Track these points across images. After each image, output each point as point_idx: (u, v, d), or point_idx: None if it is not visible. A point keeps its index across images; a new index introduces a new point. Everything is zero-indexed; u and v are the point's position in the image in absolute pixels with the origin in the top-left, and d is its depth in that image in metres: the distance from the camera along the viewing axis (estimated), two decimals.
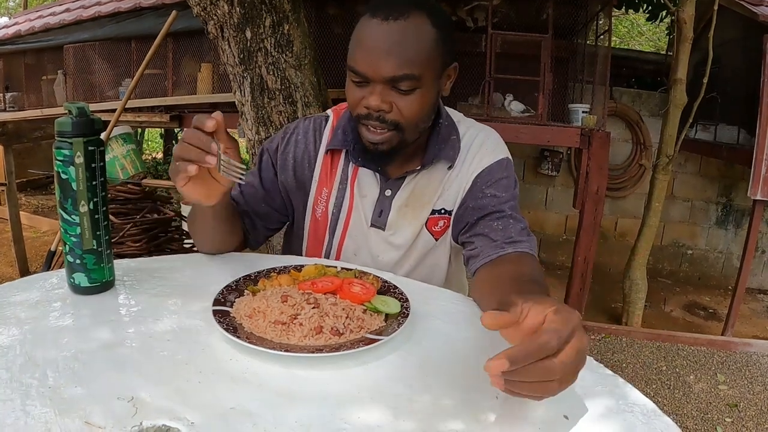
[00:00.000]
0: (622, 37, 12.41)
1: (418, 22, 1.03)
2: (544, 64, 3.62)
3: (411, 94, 1.05)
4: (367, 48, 1.03)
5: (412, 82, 1.04)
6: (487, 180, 1.19)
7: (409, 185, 1.22)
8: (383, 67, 1.02)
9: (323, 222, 1.27)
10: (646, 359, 3.82)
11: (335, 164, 1.25)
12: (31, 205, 7.12)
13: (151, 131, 11.59)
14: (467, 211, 1.19)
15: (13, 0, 12.72)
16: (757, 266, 5.55)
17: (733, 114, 4.66)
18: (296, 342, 0.79)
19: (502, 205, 1.16)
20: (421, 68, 1.03)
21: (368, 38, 1.03)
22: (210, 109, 4.24)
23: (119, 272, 1.02)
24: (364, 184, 1.23)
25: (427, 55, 1.04)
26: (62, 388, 0.66)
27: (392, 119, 1.07)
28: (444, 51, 1.08)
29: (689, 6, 3.90)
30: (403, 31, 1.01)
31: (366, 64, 1.03)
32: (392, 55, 1.01)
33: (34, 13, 6.03)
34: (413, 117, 1.08)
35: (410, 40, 1.02)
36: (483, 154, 1.21)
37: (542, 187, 5.81)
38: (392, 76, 1.02)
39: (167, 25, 3.48)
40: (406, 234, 1.23)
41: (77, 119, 0.89)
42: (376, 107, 1.05)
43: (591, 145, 3.65)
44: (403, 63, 1.01)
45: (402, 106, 1.06)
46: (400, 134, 1.09)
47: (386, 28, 1.01)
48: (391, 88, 1.04)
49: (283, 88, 2.65)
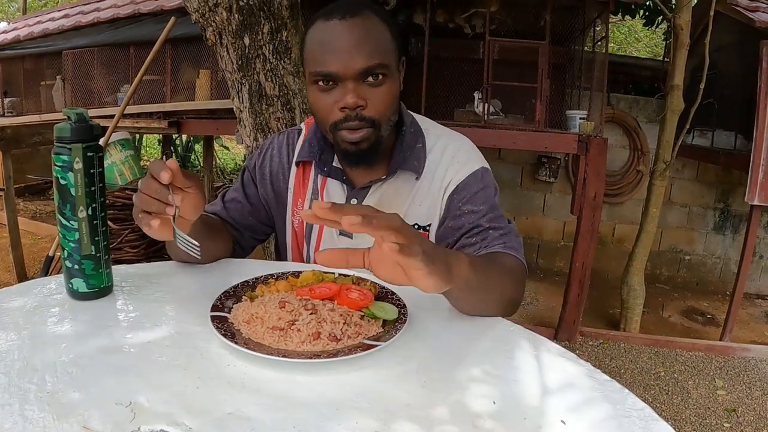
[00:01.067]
0: (620, 43, 12.45)
1: (371, 19, 1.06)
2: (541, 70, 3.64)
3: (382, 86, 1.07)
4: (333, 48, 1.04)
5: (382, 71, 1.06)
6: (463, 196, 1.17)
7: (374, 194, 1.21)
8: (354, 61, 1.03)
9: (300, 232, 1.29)
10: (644, 365, 3.82)
11: (307, 175, 1.27)
12: (29, 211, 7.12)
13: (149, 137, 11.57)
14: (447, 231, 1.18)
15: (13, 5, 12.74)
16: (755, 271, 5.57)
17: (730, 119, 4.68)
18: (294, 348, 0.79)
19: (480, 219, 1.14)
20: (387, 57, 1.06)
21: (331, 39, 1.04)
22: (208, 116, 4.28)
23: (117, 278, 1.02)
24: (331, 193, 1.24)
25: (387, 45, 1.07)
26: (60, 393, 0.66)
27: (369, 115, 1.08)
28: (397, 45, 1.11)
29: (686, 12, 3.92)
30: (363, 26, 1.04)
31: (337, 63, 1.03)
32: (360, 47, 1.03)
33: (33, 19, 6.04)
34: (386, 109, 1.10)
35: (371, 32, 1.05)
36: (456, 167, 1.19)
37: (540, 193, 5.83)
38: (365, 68, 1.04)
39: (166, 31, 3.49)
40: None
41: (76, 125, 0.89)
42: (354, 104, 1.05)
43: (588, 152, 3.66)
44: (371, 53, 1.04)
45: (375, 99, 1.07)
46: (376, 131, 1.10)
47: (346, 25, 1.03)
48: (362, 82, 1.05)
49: (282, 94, 2.66)
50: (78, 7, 5.72)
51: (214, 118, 4.24)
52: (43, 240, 6.01)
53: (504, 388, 0.74)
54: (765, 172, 3.94)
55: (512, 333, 0.92)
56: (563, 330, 4.07)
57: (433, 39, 3.95)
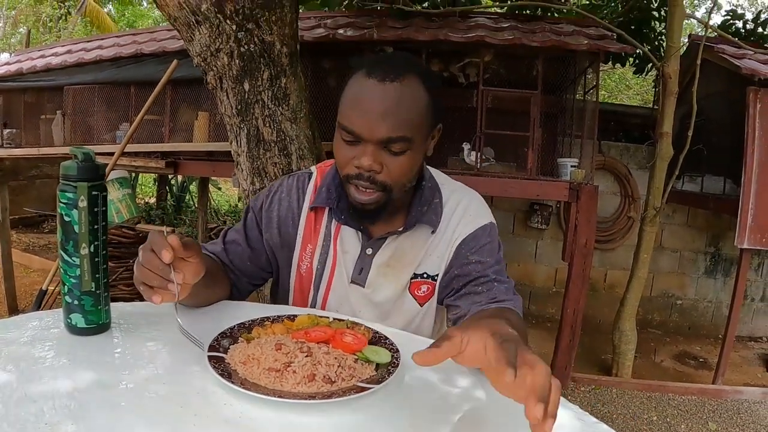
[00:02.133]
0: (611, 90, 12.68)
1: (413, 85, 1.05)
2: (533, 119, 3.71)
3: (401, 156, 1.07)
4: (363, 109, 1.04)
5: (405, 144, 1.06)
6: (472, 246, 1.20)
7: (390, 246, 1.22)
8: (379, 129, 1.03)
9: (308, 277, 1.27)
10: (636, 410, 3.80)
11: (319, 221, 1.26)
12: (22, 243, 7.10)
13: (145, 176, 11.61)
14: (454, 279, 1.20)
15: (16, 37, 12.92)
16: (746, 314, 5.59)
17: (718, 165, 4.76)
18: (289, 389, 0.80)
19: (487, 270, 1.18)
20: (413, 131, 1.06)
21: (364, 99, 1.04)
22: (206, 158, 4.32)
23: (115, 315, 1.02)
24: (346, 241, 1.24)
25: (419, 118, 1.07)
26: (58, 424, 0.67)
27: (382, 180, 1.08)
28: (433, 113, 1.10)
29: (674, 61, 4.03)
30: (399, 94, 1.03)
31: (361, 125, 1.04)
32: (388, 117, 1.03)
33: (36, 52, 6.12)
34: (402, 178, 1.10)
35: (405, 102, 1.04)
36: (467, 220, 1.22)
37: (532, 240, 5.87)
38: (387, 138, 1.04)
39: (168, 73, 3.55)
40: (387, 293, 1.23)
41: (83, 164, 0.91)
42: (368, 167, 1.06)
43: (579, 199, 3.71)
44: (398, 125, 1.03)
45: (392, 167, 1.08)
46: (387, 195, 1.11)
47: (382, 90, 1.03)
48: (383, 148, 1.06)
49: (279, 140, 2.71)
50: (81, 43, 5.81)
51: (211, 160, 4.26)
52: (35, 273, 5.98)
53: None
54: (754, 216, 4.00)
55: None
56: (555, 376, 4.03)
57: None
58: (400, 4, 4.29)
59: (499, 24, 4.30)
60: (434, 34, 3.94)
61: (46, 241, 7.32)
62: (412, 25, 4.20)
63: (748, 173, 4.02)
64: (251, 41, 2.59)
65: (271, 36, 2.63)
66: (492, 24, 4.28)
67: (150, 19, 15.54)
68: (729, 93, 4.54)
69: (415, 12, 4.36)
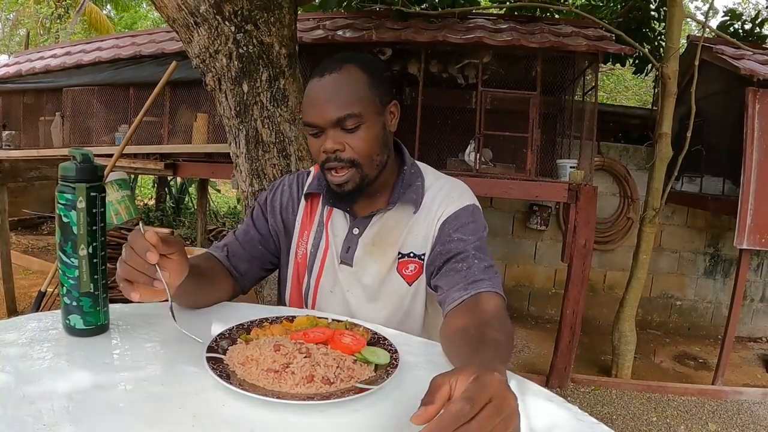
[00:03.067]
0: (609, 91, 12.69)
1: (350, 71, 1.19)
2: (532, 120, 3.72)
3: (357, 131, 1.19)
4: (313, 101, 1.19)
5: (355, 119, 1.17)
6: (454, 225, 1.26)
7: (375, 224, 1.31)
8: (327, 113, 1.17)
9: (303, 263, 1.36)
10: (636, 411, 3.80)
11: (314, 209, 1.37)
12: (21, 245, 7.10)
13: (144, 178, 11.63)
14: (437, 256, 1.25)
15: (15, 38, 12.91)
16: (746, 314, 5.60)
17: (718, 165, 4.76)
18: (288, 390, 0.81)
19: (467, 246, 1.22)
20: (359, 107, 1.18)
21: (312, 94, 1.20)
22: (204, 159, 4.32)
23: (113, 316, 1.03)
24: (336, 223, 1.34)
25: (362, 94, 1.19)
26: (57, 426, 0.67)
27: (348, 157, 1.20)
28: (380, 91, 1.22)
29: (673, 62, 4.04)
30: (338, 80, 1.18)
31: (314, 115, 1.18)
32: (332, 100, 1.17)
33: (35, 54, 6.11)
34: (365, 151, 1.20)
35: (344, 85, 1.18)
36: (449, 201, 1.29)
37: (531, 241, 5.87)
38: (336, 118, 1.16)
39: (167, 75, 3.55)
40: (373, 271, 1.29)
41: (81, 165, 0.92)
42: (331, 148, 1.18)
43: (578, 200, 3.71)
44: (342, 105, 1.16)
45: (353, 143, 1.19)
46: (359, 170, 1.21)
47: (324, 81, 1.18)
48: (341, 129, 1.18)
49: (278, 141, 2.71)
50: (80, 45, 5.81)
51: (210, 161, 4.27)
52: (34, 275, 5.98)
53: None
54: (753, 216, 4.01)
55: None
56: (555, 377, 4.05)
57: (427, 89, 4.04)
58: (399, 5, 4.29)
59: (498, 25, 4.31)
60: (433, 35, 3.95)
61: (45, 243, 7.32)
62: (410, 26, 4.20)
63: (747, 173, 4.02)
64: (250, 42, 2.59)
65: (269, 37, 2.63)
66: (491, 25, 4.29)
67: (149, 20, 15.54)
68: (728, 93, 4.55)
69: (413, 13, 4.36)
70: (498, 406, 0.63)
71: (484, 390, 0.63)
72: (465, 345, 0.94)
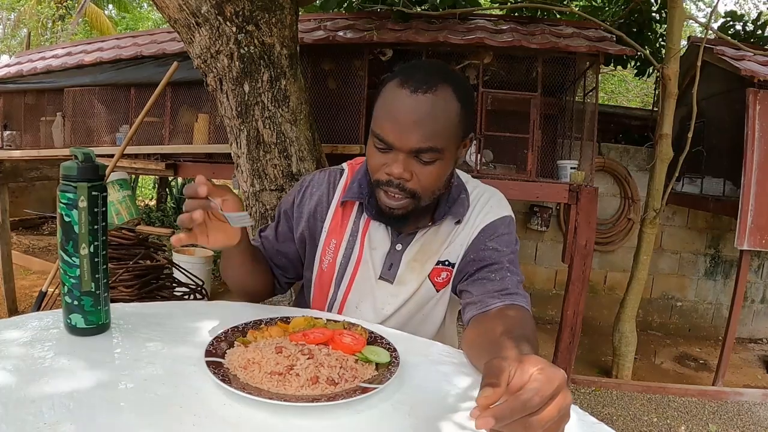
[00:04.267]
0: (610, 92, 12.68)
1: (445, 96, 1.07)
2: (533, 121, 3.72)
3: (431, 165, 1.10)
4: (395, 119, 1.06)
5: (435, 155, 1.08)
6: (490, 234, 1.23)
7: (419, 241, 1.26)
8: (409, 139, 1.06)
9: (329, 273, 1.29)
10: (636, 411, 3.80)
11: (347, 216, 1.29)
12: (22, 245, 7.11)
13: (145, 179, 11.63)
14: (469, 263, 1.22)
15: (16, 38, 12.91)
16: (746, 315, 5.60)
17: (718, 166, 4.77)
18: (293, 392, 0.81)
19: (502, 258, 1.20)
20: (444, 141, 1.08)
21: (396, 109, 1.06)
22: (205, 159, 4.32)
23: (114, 316, 1.03)
24: (375, 236, 1.27)
25: (450, 128, 1.09)
26: (57, 424, 0.67)
27: (411, 188, 1.11)
28: (465, 124, 1.13)
29: (674, 62, 4.04)
30: (431, 105, 1.05)
31: (393, 134, 1.07)
32: (419, 127, 1.05)
33: (36, 54, 6.12)
34: (431, 186, 1.13)
35: (437, 113, 1.06)
36: (488, 210, 1.26)
37: (532, 242, 5.87)
38: (417, 148, 1.07)
39: (168, 75, 3.55)
40: (412, 286, 1.26)
41: (83, 164, 0.92)
42: (398, 175, 1.09)
43: (579, 201, 3.72)
44: (429, 136, 1.06)
45: (422, 176, 1.10)
46: (416, 201, 1.14)
47: (415, 101, 1.05)
48: (413, 157, 1.09)
49: (279, 142, 2.71)
50: (81, 45, 5.81)
51: (211, 162, 4.27)
52: (35, 275, 5.98)
53: None
54: (753, 217, 4.01)
55: None
56: None
57: None
58: (400, 6, 4.29)
59: (499, 26, 4.30)
60: (434, 36, 3.95)
61: (46, 243, 7.33)
62: (411, 27, 4.20)
63: (747, 174, 4.02)
64: (251, 43, 2.59)
65: (270, 38, 2.63)
66: (491, 26, 4.29)
67: (150, 21, 15.55)
68: (729, 95, 4.55)
69: (414, 14, 4.36)
70: (561, 402, 0.63)
71: (550, 383, 0.63)
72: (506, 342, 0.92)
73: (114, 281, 3.20)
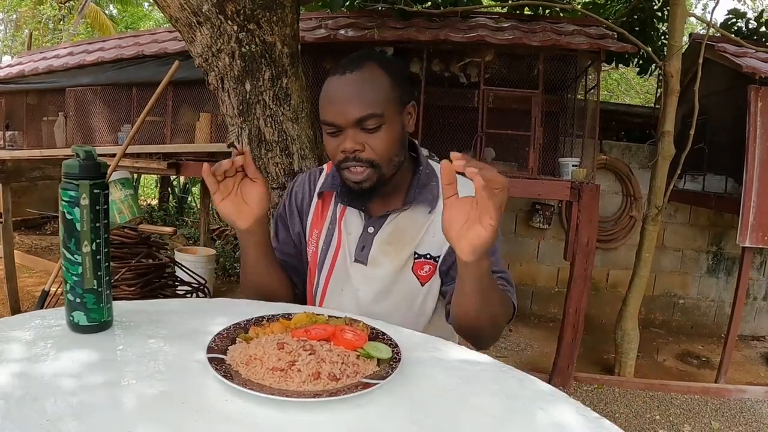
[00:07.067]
0: (612, 90, 12.66)
1: (372, 70, 1.18)
2: (534, 119, 3.72)
3: (378, 131, 1.18)
4: (333, 100, 1.18)
5: (377, 120, 1.17)
6: None
7: (390, 224, 1.30)
8: (349, 112, 1.16)
9: (313, 261, 1.37)
10: (639, 409, 3.80)
11: (326, 207, 1.36)
12: (25, 245, 7.12)
13: (147, 178, 11.63)
14: (452, 264, 1.25)
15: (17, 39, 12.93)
16: (749, 313, 5.59)
17: (720, 164, 4.76)
18: (295, 388, 0.81)
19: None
20: (381, 107, 1.17)
21: (332, 92, 1.19)
22: (207, 158, 4.33)
23: (117, 314, 1.03)
24: (349, 222, 1.33)
25: (384, 95, 1.18)
26: (60, 421, 0.67)
27: (367, 157, 1.19)
28: (401, 91, 1.22)
29: (675, 59, 4.03)
30: (359, 79, 1.17)
31: (334, 114, 1.17)
32: (355, 100, 1.16)
33: (38, 55, 6.14)
34: (384, 151, 1.20)
35: (367, 85, 1.17)
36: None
37: (534, 239, 5.87)
38: (358, 118, 1.16)
39: (170, 74, 3.55)
40: (387, 269, 1.29)
41: (84, 162, 0.92)
42: (351, 149, 1.18)
43: (581, 198, 3.71)
44: (366, 104, 1.16)
45: (372, 143, 1.18)
46: (377, 170, 1.21)
47: (345, 80, 1.17)
48: (360, 129, 1.17)
49: (280, 140, 2.71)
50: (82, 45, 5.83)
51: (213, 160, 4.27)
52: (38, 274, 5.99)
53: (494, 427, 0.76)
54: (756, 215, 4.00)
55: (502, 372, 0.94)
56: (557, 375, 4.05)
57: (429, 87, 4.05)
58: (401, 4, 4.29)
59: (500, 24, 4.31)
60: (435, 34, 3.95)
61: (48, 243, 7.34)
62: (413, 25, 4.21)
63: (749, 171, 4.02)
64: (252, 42, 2.59)
65: (272, 36, 2.63)
66: (493, 24, 4.29)
67: (151, 20, 15.57)
68: (731, 92, 4.54)
69: (416, 12, 4.36)
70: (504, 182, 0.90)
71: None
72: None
73: (116, 280, 3.21)
